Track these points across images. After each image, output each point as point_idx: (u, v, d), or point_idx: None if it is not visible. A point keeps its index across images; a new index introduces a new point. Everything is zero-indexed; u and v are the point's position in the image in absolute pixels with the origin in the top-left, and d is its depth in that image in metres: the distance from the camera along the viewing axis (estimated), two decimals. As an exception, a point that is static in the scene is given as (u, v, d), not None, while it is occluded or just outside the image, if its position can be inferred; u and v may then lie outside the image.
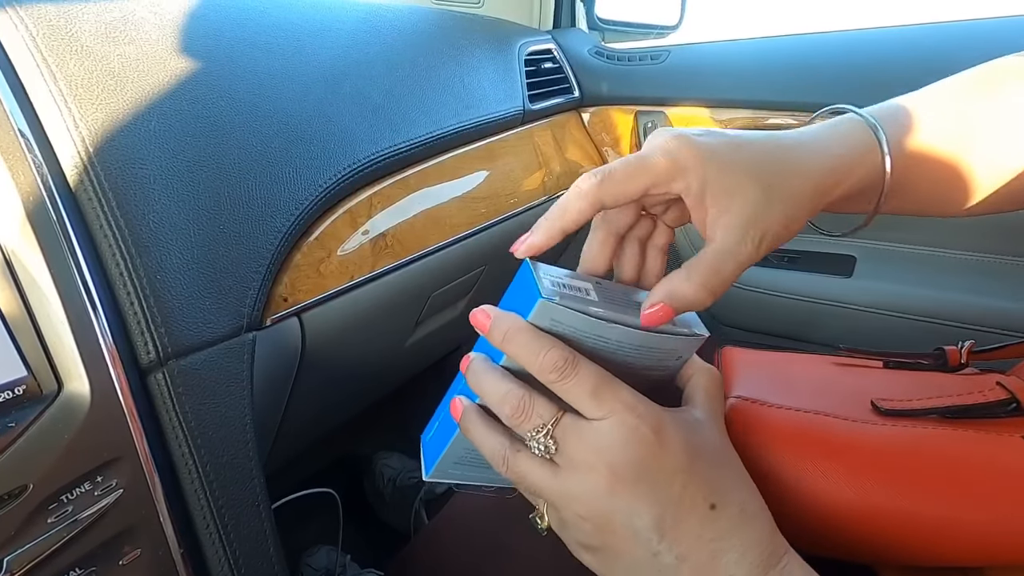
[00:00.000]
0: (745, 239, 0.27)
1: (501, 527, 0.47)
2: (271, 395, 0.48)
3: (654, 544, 0.26)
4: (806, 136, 0.30)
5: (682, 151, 0.27)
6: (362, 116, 0.53)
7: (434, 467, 0.32)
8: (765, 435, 0.33)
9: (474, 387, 0.29)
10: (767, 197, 0.27)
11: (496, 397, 0.27)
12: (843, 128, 0.31)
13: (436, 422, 0.33)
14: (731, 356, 0.42)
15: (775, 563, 0.26)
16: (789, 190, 0.28)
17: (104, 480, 0.33)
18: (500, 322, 0.27)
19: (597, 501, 0.26)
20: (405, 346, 0.68)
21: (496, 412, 0.28)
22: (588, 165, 0.88)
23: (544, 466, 0.27)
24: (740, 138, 0.28)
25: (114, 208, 0.35)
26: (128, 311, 0.35)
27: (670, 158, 0.27)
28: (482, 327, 0.28)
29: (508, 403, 0.27)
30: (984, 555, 0.30)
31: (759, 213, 0.27)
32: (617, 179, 0.27)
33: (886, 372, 0.40)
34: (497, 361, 0.29)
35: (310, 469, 0.96)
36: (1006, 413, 0.31)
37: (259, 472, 0.40)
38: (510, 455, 0.28)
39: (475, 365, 0.29)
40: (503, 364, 0.28)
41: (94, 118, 0.36)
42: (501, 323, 0.27)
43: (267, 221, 0.43)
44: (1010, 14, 0.68)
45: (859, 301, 0.77)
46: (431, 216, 0.59)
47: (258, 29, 0.50)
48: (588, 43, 0.94)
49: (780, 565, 0.26)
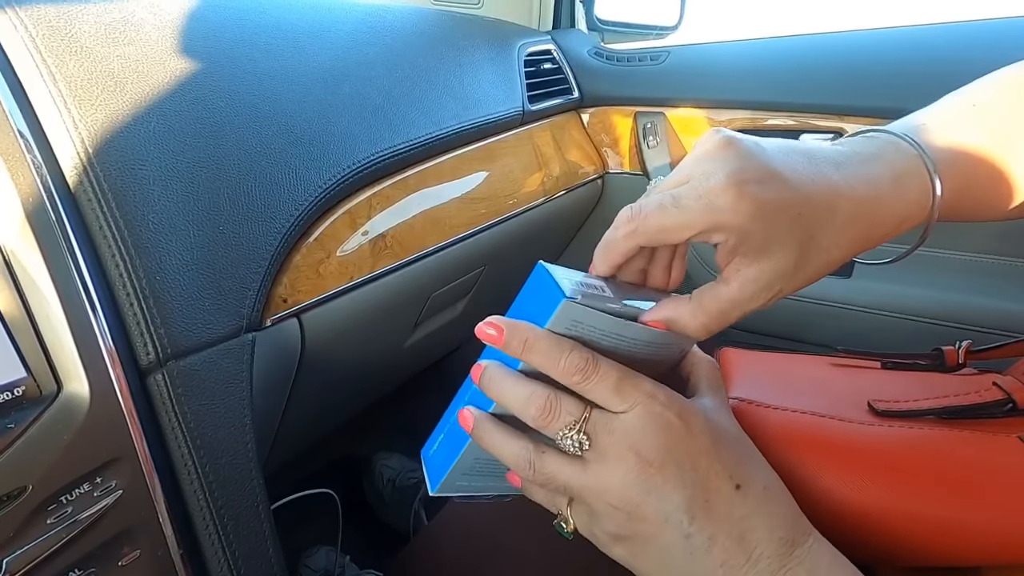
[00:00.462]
0: (761, 296, 0.27)
1: (500, 528, 0.47)
2: (270, 396, 0.49)
3: (685, 526, 0.26)
4: (866, 190, 0.28)
5: (727, 210, 0.25)
6: (361, 117, 0.53)
7: (441, 481, 0.32)
8: (762, 436, 0.33)
9: (493, 394, 0.28)
10: (801, 263, 0.27)
11: (520, 401, 0.27)
12: (904, 177, 0.29)
13: (440, 435, 0.33)
14: (729, 357, 0.42)
15: (803, 541, 0.27)
16: (828, 256, 0.27)
17: (103, 481, 0.33)
18: (517, 332, 0.27)
19: (628, 489, 0.26)
20: (404, 347, 0.68)
21: (520, 415, 0.28)
22: (587, 166, 0.88)
23: (573, 463, 0.27)
24: (797, 197, 0.26)
25: (114, 209, 0.35)
26: (127, 312, 0.35)
27: (712, 216, 0.25)
28: (494, 340, 0.28)
29: (534, 404, 0.27)
30: (981, 555, 0.30)
31: (786, 277, 0.27)
32: (651, 230, 0.27)
33: (884, 373, 0.40)
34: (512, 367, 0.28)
35: (309, 469, 0.96)
36: (1003, 413, 0.31)
37: (258, 473, 0.40)
38: (535, 457, 0.28)
39: (491, 372, 0.29)
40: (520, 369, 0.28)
41: (94, 119, 0.36)
42: (518, 333, 0.27)
43: (267, 222, 0.43)
44: (1015, 14, 0.68)
45: (858, 302, 0.78)
46: (431, 217, 0.59)
47: (257, 29, 0.50)
48: (587, 44, 0.94)
49: (807, 544, 0.27)
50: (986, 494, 0.29)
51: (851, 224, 0.28)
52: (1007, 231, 0.69)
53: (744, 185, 0.25)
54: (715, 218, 0.25)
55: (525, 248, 0.78)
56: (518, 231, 0.74)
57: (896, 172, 0.29)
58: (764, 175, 0.26)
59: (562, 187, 0.81)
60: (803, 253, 0.27)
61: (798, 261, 0.27)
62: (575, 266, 0.30)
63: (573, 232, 0.96)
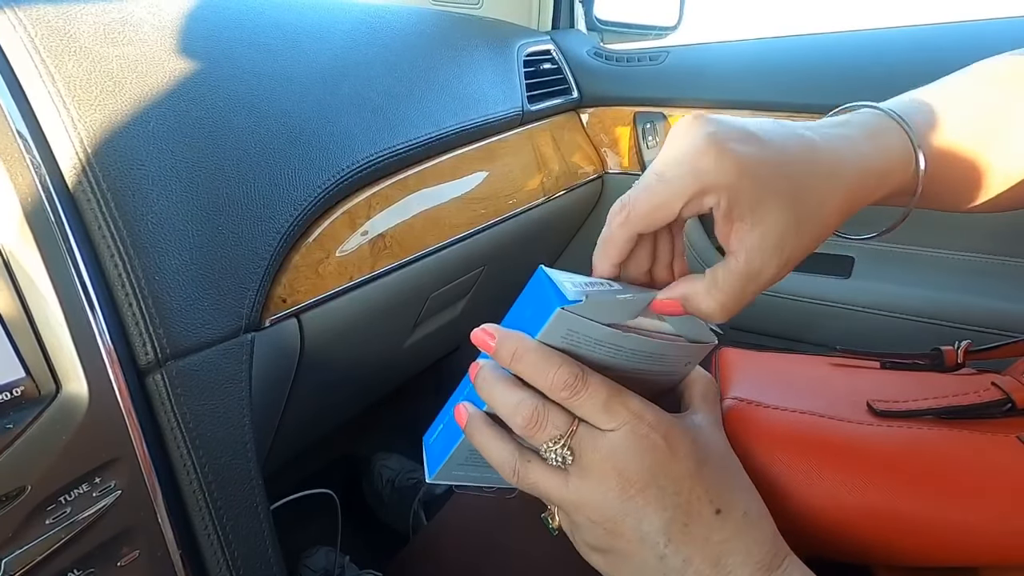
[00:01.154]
0: (771, 263, 0.26)
1: (499, 528, 0.47)
2: (270, 396, 0.49)
3: (661, 547, 0.26)
4: (842, 143, 0.28)
5: (711, 170, 0.25)
6: (361, 117, 0.53)
7: (438, 470, 0.32)
8: (761, 436, 0.33)
9: (485, 396, 0.28)
10: (798, 219, 0.26)
11: (508, 408, 0.27)
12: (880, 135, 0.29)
13: (440, 424, 0.33)
14: (728, 357, 0.42)
15: (777, 564, 0.27)
16: (821, 211, 0.27)
17: (102, 481, 0.33)
18: (507, 342, 0.27)
19: (608, 508, 0.26)
20: (404, 347, 0.68)
21: (508, 422, 0.28)
22: (587, 166, 0.88)
23: (557, 475, 0.27)
24: (775, 149, 0.26)
25: (112, 209, 0.35)
26: (126, 312, 0.35)
27: (697, 179, 0.25)
28: (487, 347, 0.28)
29: (521, 413, 0.27)
30: (980, 555, 0.30)
31: (788, 237, 0.26)
32: (642, 212, 0.26)
33: (882, 373, 0.40)
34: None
35: (309, 470, 0.96)
36: (1002, 413, 0.31)
37: (257, 473, 0.40)
38: (520, 466, 0.28)
39: (485, 373, 0.28)
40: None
41: (92, 119, 0.36)
42: (508, 343, 0.27)
43: (266, 222, 0.43)
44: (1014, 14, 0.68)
45: (857, 302, 0.78)
46: (430, 217, 0.59)
47: (256, 29, 0.50)
48: (587, 44, 0.94)
49: (781, 567, 0.27)
50: (985, 494, 0.29)
51: (835, 174, 0.27)
52: (1007, 231, 0.69)
53: (723, 144, 0.25)
54: (701, 181, 0.25)
55: (525, 248, 0.78)
56: (518, 231, 0.74)
57: (871, 129, 0.29)
58: (741, 135, 0.26)
59: (562, 187, 0.81)
60: (798, 206, 0.26)
61: (796, 216, 0.26)
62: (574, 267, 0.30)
63: (573, 232, 0.96)
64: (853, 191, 0.28)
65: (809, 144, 0.27)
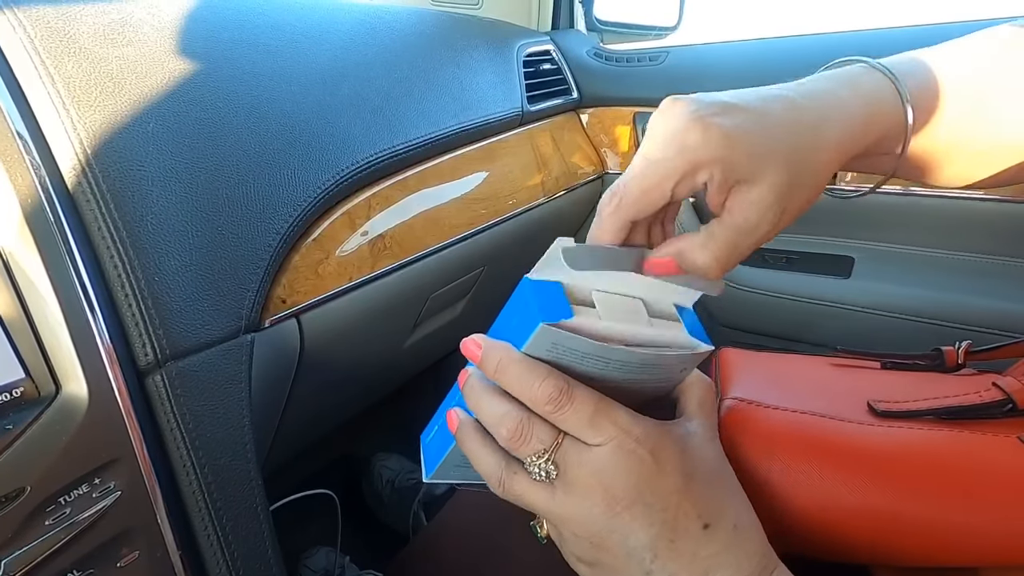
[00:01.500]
0: (767, 218, 0.26)
1: (499, 529, 0.47)
2: (269, 396, 0.48)
3: (647, 563, 0.26)
4: (826, 97, 0.28)
5: (699, 146, 0.25)
6: (360, 118, 0.53)
7: (435, 470, 0.32)
8: (761, 436, 0.33)
9: (471, 405, 0.28)
10: (791, 179, 0.26)
11: (493, 419, 0.27)
12: (864, 84, 0.29)
13: (436, 425, 0.33)
14: (728, 357, 0.42)
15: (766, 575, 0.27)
16: (813, 166, 0.27)
17: (102, 482, 0.33)
18: (492, 353, 0.27)
19: (593, 523, 0.26)
20: (404, 347, 0.68)
21: (492, 433, 0.27)
22: (587, 166, 0.88)
23: (542, 489, 0.27)
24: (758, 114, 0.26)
25: (112, 210, 0.35)
26: (126, 313, 0.35)
27: (686, 157, 0.25)
28: (473, 357, 0.27)
29: (505, 426, 0.26)
30: (980, 555, 0.30)
31: (782, 195, 0.26)
32: (634, 196, 0.26)
33: (883, 373, 0.40)
34: None
35: (308, 470, 0.96)
36: (1002, 414, 0.31)
37: (257, 474, 0.40)
38: (506, 477, 0.27)
39: (472, 382, 0.28)
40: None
41: (92, 120, 0.36)
42: (493, 354, 0.27)
43: (265, 223, 0.43)
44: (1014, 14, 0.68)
45: (857, 302, 0.78)
46: (430, 217, 0.59)
47: (256, 30, 0.50)
48: (587, 44, 0.94)
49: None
50: (986, 495, 0.29)
51: (823, 123, 0.27)
52: (1006, 231, 0.69)
53: (707, 118, 0.25)
54: (690, 157, 0.25)
55: (524, 248, 0.78)
56: (517, 231, 0.74)
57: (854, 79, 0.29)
58: (722, 108, 0.26)
59: (561, 187, 0.81)
60: (791, 165, 0.26)
61: (790, 174, 0.26)
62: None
63: (572, 232, 0.96)
64: (840, 140, 0.28)
65: (790, 103, 0.27)
